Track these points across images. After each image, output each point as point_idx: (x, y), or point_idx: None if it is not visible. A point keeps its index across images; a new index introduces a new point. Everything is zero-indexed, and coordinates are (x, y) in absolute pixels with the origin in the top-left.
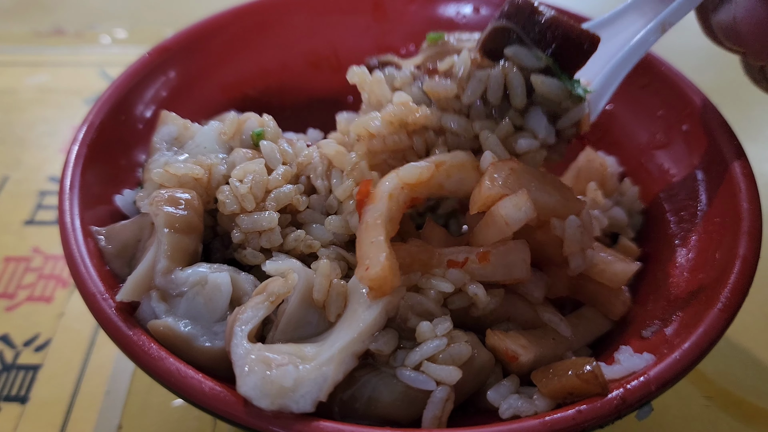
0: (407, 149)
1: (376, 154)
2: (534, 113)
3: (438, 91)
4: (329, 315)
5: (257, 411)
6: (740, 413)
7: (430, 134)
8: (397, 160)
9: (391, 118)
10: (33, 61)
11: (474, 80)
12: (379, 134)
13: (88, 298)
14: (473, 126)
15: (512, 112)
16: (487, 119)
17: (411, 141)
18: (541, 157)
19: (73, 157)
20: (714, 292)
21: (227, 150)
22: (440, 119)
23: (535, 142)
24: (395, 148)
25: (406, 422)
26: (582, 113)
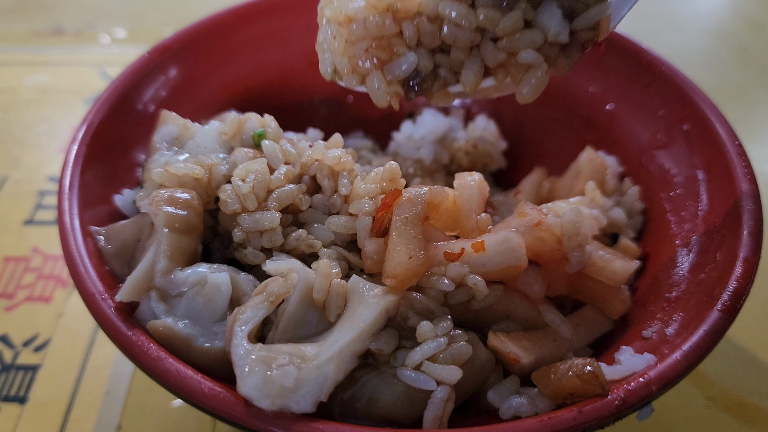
0: (395, 37)
1: (357, 42)
2: (548, 6)
3: None
4: (329, 315)
5: (257, 411)
6: (741, 414)
7: (423, 21)
8: (382, 51)
9: (375, 1)
10: (32, 61)
11: None
12: (359, 18)
13: (88, 298)
14: (477, 15)
15: (523, 4)
16: (493, 8)
17: (399, 27)
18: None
19: (72, 157)
20: (715, 292)
21: (228, 150)
22: (437, 5)
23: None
24: (379, 33)
25: (407, 422)
26: (603, 13)
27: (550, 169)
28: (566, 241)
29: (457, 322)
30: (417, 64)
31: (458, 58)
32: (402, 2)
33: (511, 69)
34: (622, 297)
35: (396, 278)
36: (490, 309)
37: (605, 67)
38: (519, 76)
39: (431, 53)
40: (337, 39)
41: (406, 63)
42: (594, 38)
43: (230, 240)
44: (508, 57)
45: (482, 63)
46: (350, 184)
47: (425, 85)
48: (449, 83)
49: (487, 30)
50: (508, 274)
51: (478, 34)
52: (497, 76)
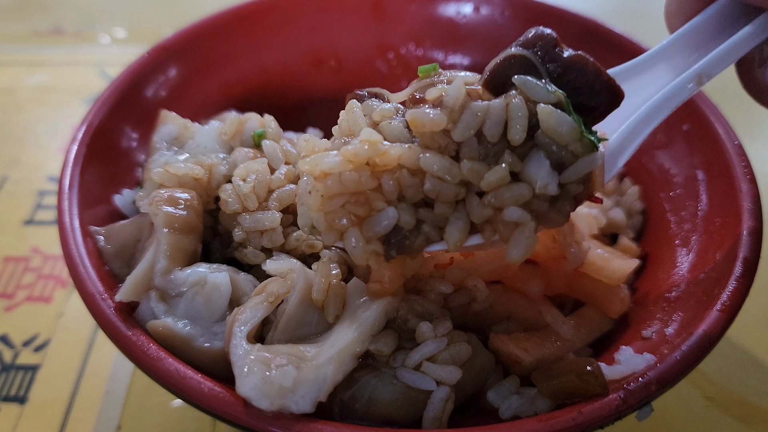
0: (373, 192)
1: (333, 198)
2: (535, 157)
3: (423, 121)
4: (327, 316)
5: (257, 411)
6: (741, 413)
7: (403, 174)
8: (359, 207)
9: (351, 156)
10: (32, 61)
11: (468, 113)
12: (334, 173)
13: (87, 298)
14: (461, 168)
15: (509, 156)
16: (479, 161)
17: (378, 182)
18: (533, 235)
19: (72, 157)
20: (714, 292)
21: (228, 150)
22: (418, 158)
23: (525, 215)
24: (356, 189)
25: (407, 423)
26: (593, 165)
27: None
28: (561, 239)
29: (458, 323)
30: (398, 219)
31: (443, 213)
32: (380, 157)
33: (498, 226)
34: (621, 296)
35: (380, 282)
36: (490, 309)
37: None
38: (507, 234)
39: (414, 207)
40: (313, 194)
41: (385, 219)
42: (586, 191)
43: (230, 240)
44: (494, 213)
45: (468, 219)
46: None
47: (407, 242)
48: (433, 240)
49: (472, 184)
50: (504, 272)
51: (463, 188)
52: (485, 233)
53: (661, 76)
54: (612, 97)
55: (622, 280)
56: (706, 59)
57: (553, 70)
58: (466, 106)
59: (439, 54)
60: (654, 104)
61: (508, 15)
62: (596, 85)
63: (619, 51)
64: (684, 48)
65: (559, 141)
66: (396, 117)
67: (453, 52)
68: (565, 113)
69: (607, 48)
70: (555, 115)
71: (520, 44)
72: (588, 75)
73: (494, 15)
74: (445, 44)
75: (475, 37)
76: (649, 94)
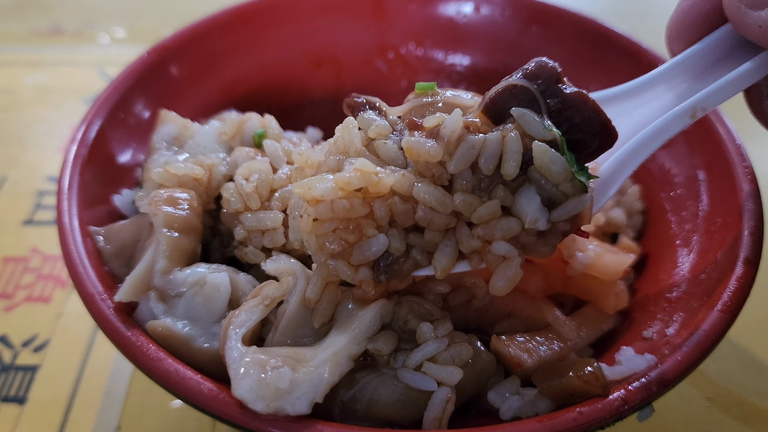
0: (364, 218)
1: (324, 223)
2: (526, 192)
3: (419, 151)
4: (314, 320)
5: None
6: (741, 414)
7: (395, 201)
8: (349, 233)
9: (344, 184)
10: (31, 61)
11: (464, 146)
12: (326, 200)
13: (87, 299)
14: (453, 200)
15: (501, 190)
16: (471, 194)
17: (370, 208)
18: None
19: (71, 157)
20: (715, 292)
21: (227, 150)
22: (411, 187)
23: (512, 251)
24: (347, 215)
25: (407, 424)
26: (582, 206)
27: None
28: (565, 249)
29: (460, 323)
30: (388, 246)
31: (432, 240)
32: (373, 185)
33: (486, 256)
34: (616, 291)
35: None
36: (491, 307)
37: (605, 67)
38: (494, 265)
39: (404, 233)
40: (304, 217)
41: (376, 245)
42: (574, 227)
43: (230, 240)
44: (483, 245)
45: (456, 247)
46: None
47: (396, 267)
48: (421, 265)
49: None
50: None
51: (454, 218)
52: (472, 261)
53: (658, 100)
54: (606, 137)
55: (618, 276)
56: (702, 93)
57: (553, 105)
58: (463, 139)
59: (439, 53)
60: (645, 136)
61: (508, 15)
62: (593, 125)
63: (618, 50)
64: (682, 73)
65: (551, 179)
66: (391, 137)
67: (453, 51)
68: (559, 152)
69: (606, 47)
70: (549, 154)
71: (523, 75)
72: (586, 113)
73: (494, 14)
74: (445, 44)
75: (475, 36)
76: (644, 118)
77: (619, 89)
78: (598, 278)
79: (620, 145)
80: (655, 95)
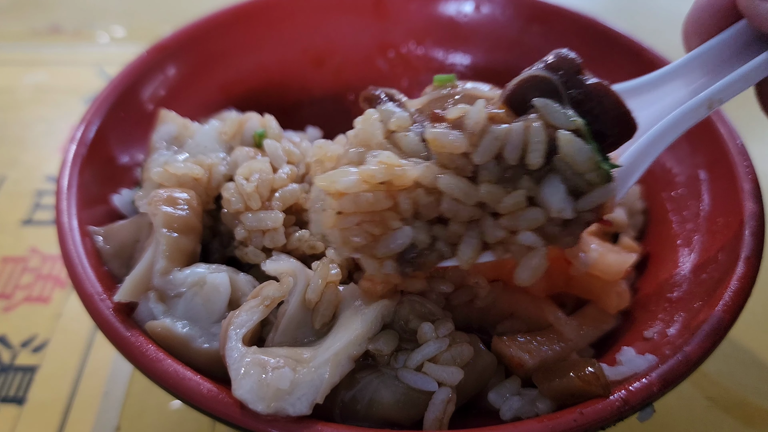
0: (388, 211)
1: (347, 216)
2: (551, 182)
3: (443, 143)
4: (314, 321)
5: (256, 413)
6: (742, 414)
7: (420, 193)
8: (374, 226)
9: (368, 177)
10: (30, 60)
11: (489, 137)
12: (350, 193)
13: (86, 299)
14: (479, 191)
15: (526, 181)
16: (496, 185)
17: (394, 201)
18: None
19: (70, 157)
20: (716, 292)
21: (227, 149)
22: (436, 179)
23: (538, 241)
24: (371, 209)
25: (408, 424)
26: (608, 195)
27: None
28: (568, 250)
29: (461, 323)
30: (413, 238)
31: (456, 232)
32: (397, 178)
33: (511, 247)
34: (618, 290)
35: (371, 281)
36: (493, 307)
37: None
38: (519, 256)
39: (428, 225)
40: (328, 211)
41: (401, 238)
42: (598, 217)
43: (229, 240)
44: (508, 235)
45: (480, 238)
46: None
47: (421, 260)
48: (446, 256)
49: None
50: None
51: (479, 209)
52: (496, 251)
53: (674, 94)
54: (626, 128)
55: (620, 276)
56: (718, 85)
57: (575, 96)
58: (487, 130)
59: (439, 52)
60: (663, 127)
61: (509, 13)
62: (614, 116)
63: (619, 49)
64: (699, 68)
65: (576, 169)
66: (412, 129)
67: (454, 50)
68: (584, 141)
69: (607, 46)
70: (575, 143)
71: (545, 66)
72: (607, 104)
73: (495, 13)
74: (446, 43)
75: (476, 35)
76: (662, 110)
77: (637, 82)
78: (600, 278)
79: (639, 137)
80: (673, 88)
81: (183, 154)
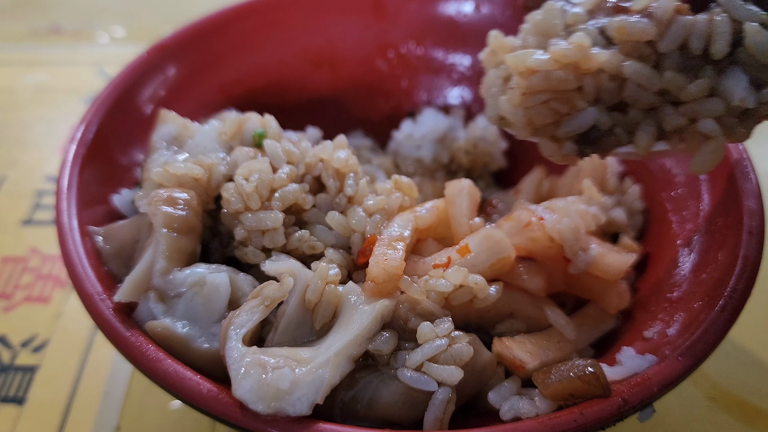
0: (574, 92)
1: (535, 94)
2: (733, 73)
3: (632, 31)
4: (315, 321)
5: (256, 413)
6: (742, 414)
7: (604, 78)
8: (561, 104)
9: (560, 57)
10: (30, 60)
11: (676, 26)
12: (542, 70)
13: (86, 299)
14: (662, 78)
15: (709, 71)
16: (679, 72)
17: (579, 83)
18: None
19: (70, 157)
20: (716, 292)
21: (227, 150)
22: (621, 65)
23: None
24: (560, 87)
25: (408, 424)
26: None
27: (551, 169)
28: (567, 249)
29: (461, 323)
30: (596, 119)
31: (634, 119)
32: (585, 60)
33: (687, 136)
34: (619, 290)
35: (374, 281)
36: (493, 307)
37: None
38: (694, 145)
39: (607, 110)
40: (514, 90)
41: (586, 117)
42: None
43: (229, 240)
44: (687, 123)
45: (656, 126)
46: (356, 185)
47: (602, 143)
48: (623, 142)
49: (668, 93)
50: (501, 268)
51: (659, 97)
52: (671, 140)
53: None
54: None
55: (620, 276)
56: None
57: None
58: (673, 21)
59: (439, 52)
60: None
61: (509, 14)
62: None
63: None
64: None
65: (762, 59)
66: (588, 23)
67: (453, 50)
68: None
69: None
70: (762, 34)
71: None
72: None
73: (495, 14)
74: (445, 43)
75: (475, 35)
76: None
77: None
78: (600, 278)
79: None
80: None
81: (183, 154)
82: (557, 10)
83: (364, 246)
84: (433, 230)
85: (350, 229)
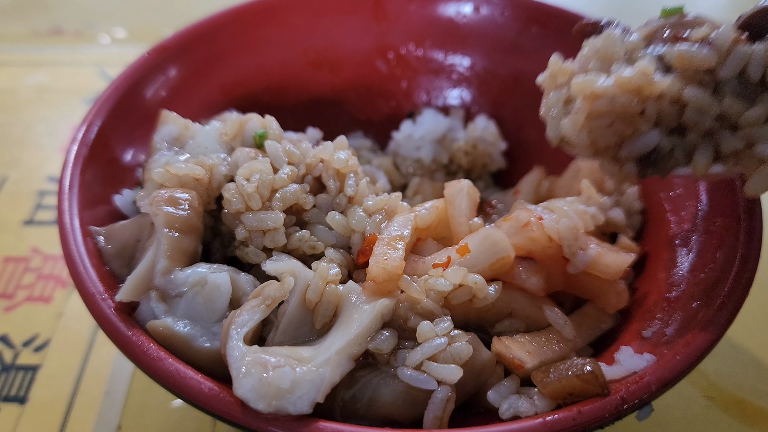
0: (636, 116)
1: (598, 117)
2: None
3: (693, 59)
4: (315, 321)
5: (257, 412)
6: (741, 413)
7: (665, 102)
8: (624, 126)
9: (625, 82)
10: (32, 61)
11: (736, 53)
12: (607, 95)
13: (87, 299)
14: (721, 103)
15: (765, 97)
16: (738, 98)
17: (642, 107)
18: None
19: (72, 157)
20: (714, 292)
21: (228, 150)
22: (681, 91)
23: None
24: (624, 111)
25: (408, 422)
26: None
27: (550, 169)
28: (566, 248)
29: (460, 322)
30: (658, 141)
31: (693, 141)
32: (648, 85)
33: (743, 159)
34: (617, 290)
35: (375, 280)
36: (492, 306)
37: None
38: (750, 168)
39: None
40: (578, 113)
41: (648, 140)
42: None
43: (230, 240)
44: (744, 147)
45: (713, 149)
46: (356, 186)
47: (662, 164)
48: (680, 164)
49: (725, 118)
50: (501, 268)
51: (716, 122)
52: (727, 163)
53: None
54: None
55: (618, 275)
56: None
57: None
58: (732, 49)
59: (439, 54)
60: None
61: (508, 15)
62: None
63: None
64: None
65: None
66: (644, 50)
67: (453, 51)
68: None
69: None
70: None
71: None
72: None
73: (494, 15)
74: (445, 44)
75: (475, 36)
76: None
77: None
78: (598, 277)
79: None
80: None
81: (184, 155)
82: (617, 37)
83: (364, 246)
84: (433, 230)
85: (350, 229)
